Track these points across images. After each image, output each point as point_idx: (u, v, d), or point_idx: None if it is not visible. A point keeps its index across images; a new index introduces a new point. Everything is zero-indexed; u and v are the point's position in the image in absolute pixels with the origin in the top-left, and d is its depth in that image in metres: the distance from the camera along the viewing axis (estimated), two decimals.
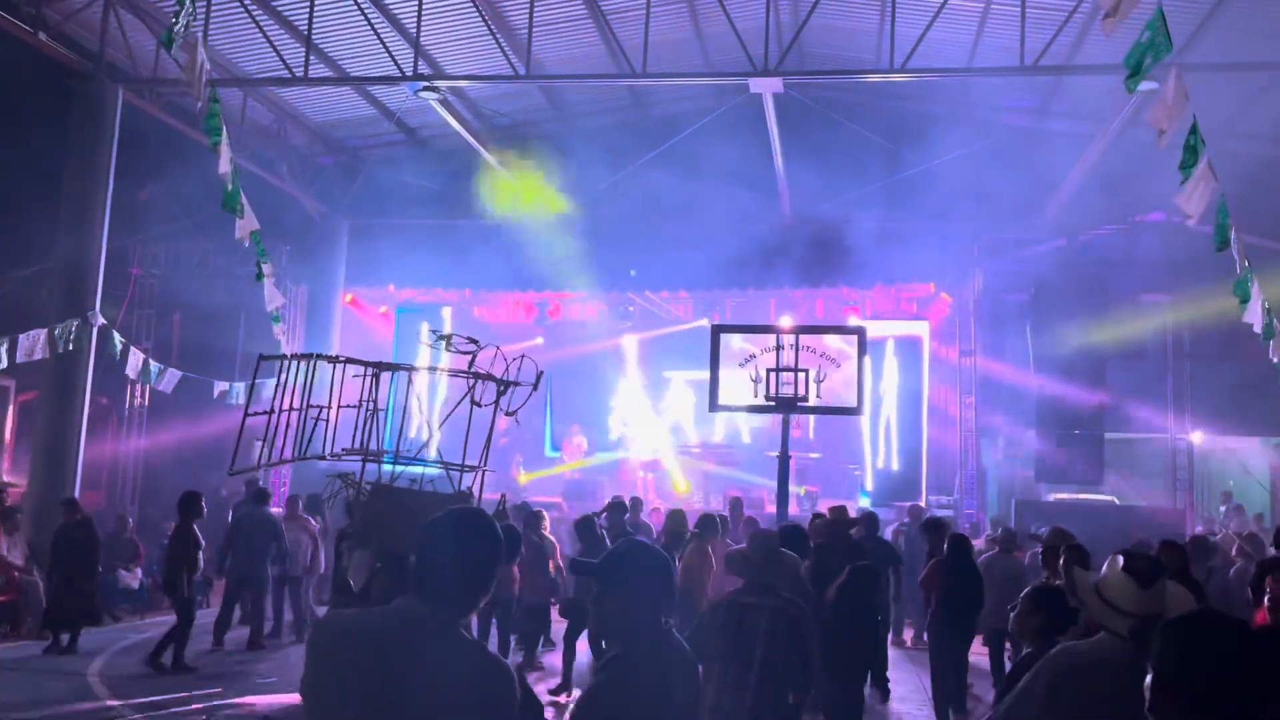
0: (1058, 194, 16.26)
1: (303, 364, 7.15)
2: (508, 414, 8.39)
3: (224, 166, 11.99)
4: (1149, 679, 2.34)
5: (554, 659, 10.55)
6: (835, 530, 9.26)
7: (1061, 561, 5.76)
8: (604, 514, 10.94)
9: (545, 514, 11.24)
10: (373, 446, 7.14)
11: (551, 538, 10.93)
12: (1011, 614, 4.58)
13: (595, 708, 2.99)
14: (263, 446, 6.85)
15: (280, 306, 15.11)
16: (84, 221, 13.18)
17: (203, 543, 10.31)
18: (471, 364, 7.81)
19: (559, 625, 10.61)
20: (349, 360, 7.40)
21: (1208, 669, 2.22)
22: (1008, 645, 8.62)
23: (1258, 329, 9.37)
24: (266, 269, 13.63)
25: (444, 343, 8.70)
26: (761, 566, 4.79)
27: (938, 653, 8.79)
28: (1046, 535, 7.56)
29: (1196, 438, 18.09)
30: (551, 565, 10.50)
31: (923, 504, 16.22)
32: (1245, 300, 9.28)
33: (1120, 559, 3.36)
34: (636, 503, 12.95)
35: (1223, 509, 17.20)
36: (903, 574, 10.80)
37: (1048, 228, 17.08)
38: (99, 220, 13.26)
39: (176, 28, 10.44)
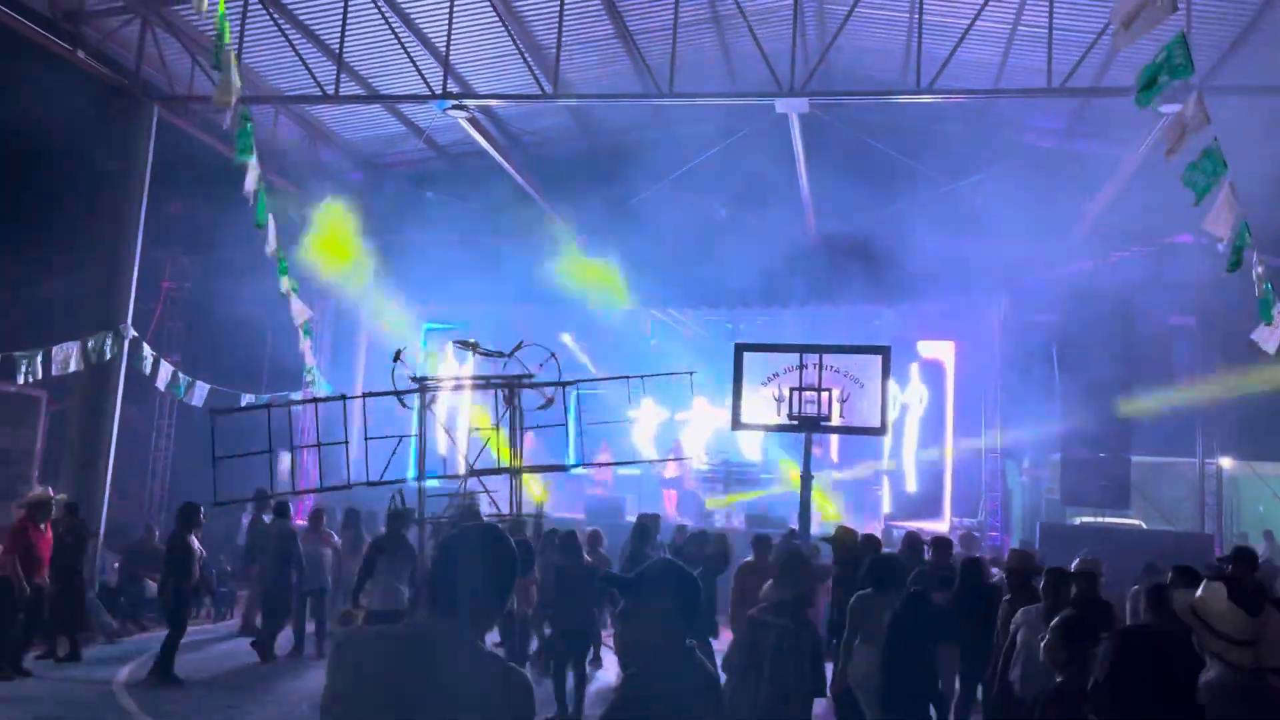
0: (1085, 215, 16.19)
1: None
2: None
3: (250, 184, 12.16)
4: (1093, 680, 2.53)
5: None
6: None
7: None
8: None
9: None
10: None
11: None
12: (1040, 644, 4.55)
13: None
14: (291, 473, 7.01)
15: (310, 319, 15.29)
16: (118, 235, 13.39)
17: (201, 553, 10.38)
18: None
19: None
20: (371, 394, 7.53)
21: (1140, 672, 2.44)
22: None
23: (1271, 351, 9.31)
24: (286, 284, 13.81)
25: (470, 349, 8.85)
26: (779, 581, 4.80)
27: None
28: (1009, 558, 7.49)
29: (1225, 463, 17.89)
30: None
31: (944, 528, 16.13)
32: (1269, 324, 9.20)
33: (1220, 587, 3.25)
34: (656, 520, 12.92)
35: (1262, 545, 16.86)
36: None
37: (1075, 249, 17.00)
38: (133, 234, 13.46)
39: (223, 53, 10.62)
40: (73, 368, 12.48)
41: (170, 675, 9.82)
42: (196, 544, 10.33)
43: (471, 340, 11.11)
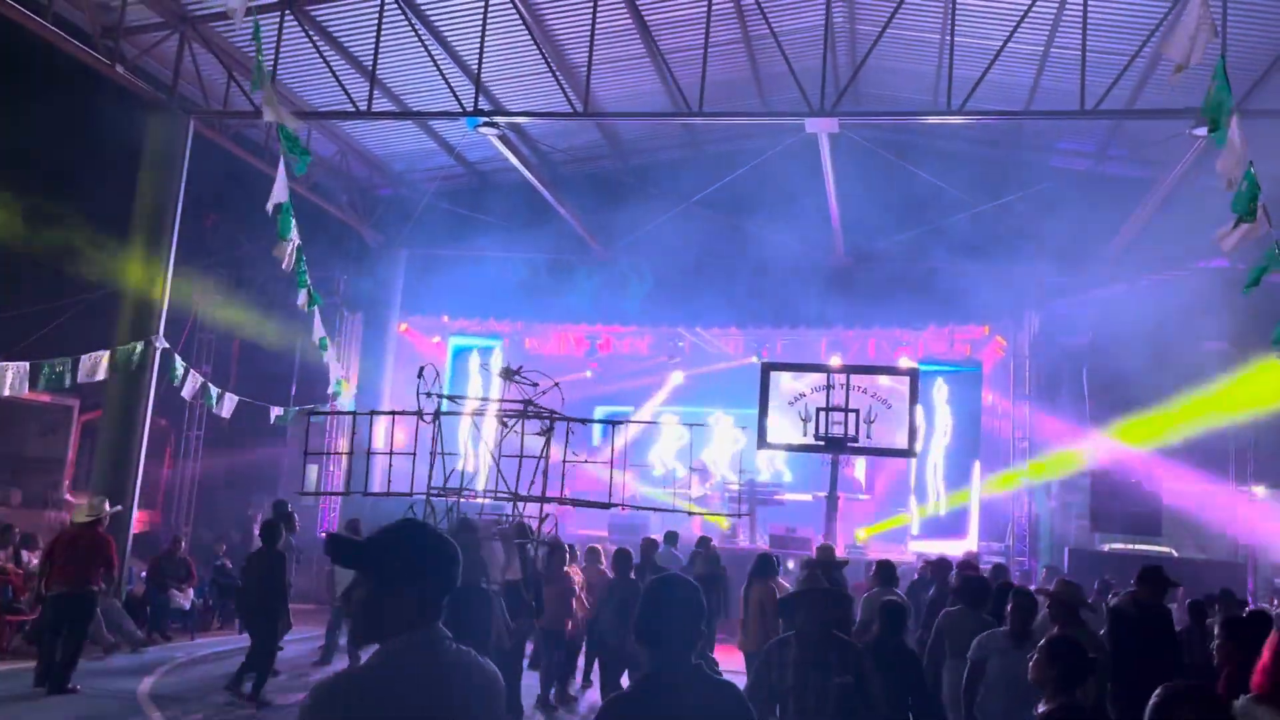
0: (1117, 239, 16.06)
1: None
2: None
3: (277, 198, 12.29)
4: None
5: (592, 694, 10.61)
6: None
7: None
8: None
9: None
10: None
11: (570, 571, 10.54)
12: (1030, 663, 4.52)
13: (614, 712, 3.09)
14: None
15: (324, 335, 15.37)
16: (153, 247, 13.55)
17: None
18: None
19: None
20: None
21: None
22: None
23: None
24: (305, 297, 13.89)
25: (510, 377, 8.94)
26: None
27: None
28: (1055, 587, 7.37)
29: (1259, 491, 17.59)
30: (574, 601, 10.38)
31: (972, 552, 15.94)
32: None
33: None
34: (672, 536, 12.88)
35: None
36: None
37: (1106, 272, 16.85)
38: (167, 246, 13.63)
39: (261, 71, 10.78)
40: (99, 376, 12.60)
41: (241, 691, 9.71)
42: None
43: (513, 368, 11.17)
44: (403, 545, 2.41)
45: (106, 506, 10.55)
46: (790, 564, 13.68)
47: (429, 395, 9.24)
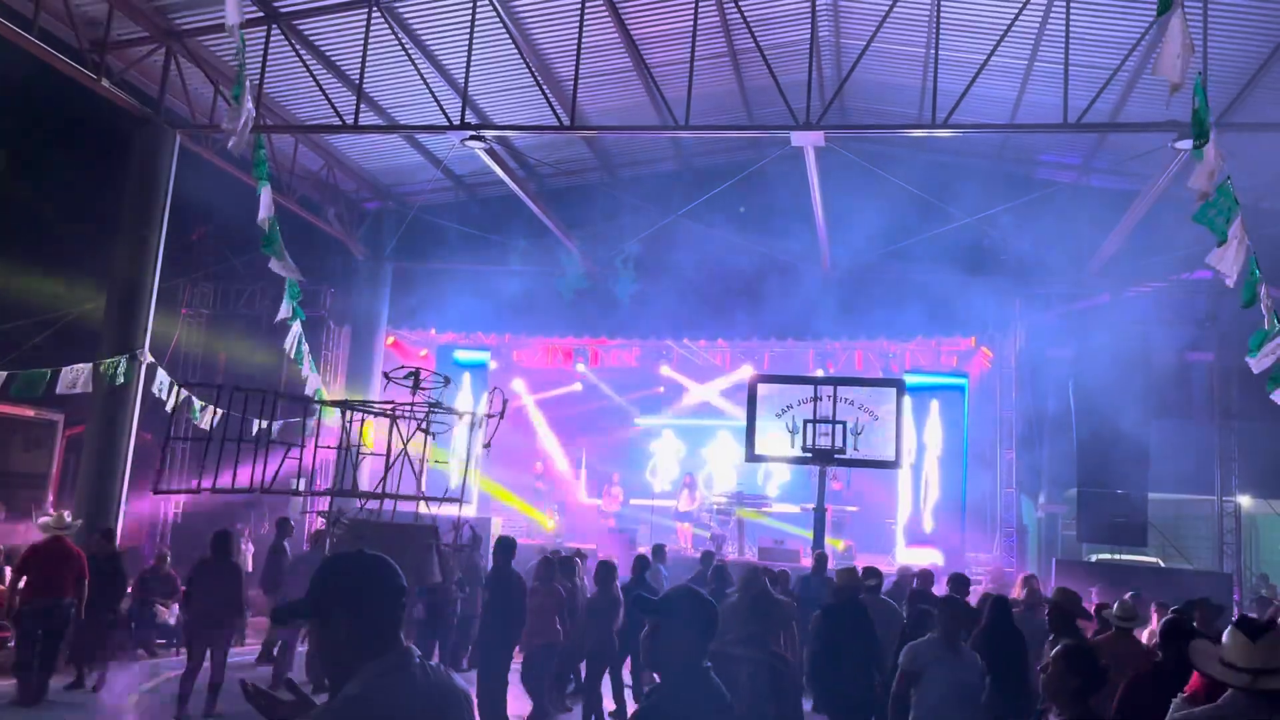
0: (1101, 250, 16.17)
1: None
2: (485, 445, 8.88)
3: (265, 211, 12.28)
4: None
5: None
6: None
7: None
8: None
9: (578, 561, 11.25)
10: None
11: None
12: (1041, 674, 4.48)
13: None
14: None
15: (300, 348, 15.28)
16: (138, 261, 13.50)
17: None
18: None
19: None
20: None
21: None
22: None
23: (1257, 371, 9.40)
24: (288, 308, 13.83)
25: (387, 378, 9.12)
26: (748, 615, 4.73)
27: None
28: (1053, 594, 7.40)
29: (1245, 501, 17.68)
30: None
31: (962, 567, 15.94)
32: (1253, 355, 9.32)
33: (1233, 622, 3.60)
34: (659, 550, 12.84)
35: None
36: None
37: (1091, 284, 16.96)
38: (152, 260, 13.58)
39: (241, 81, 10.79)
40: (78, 389, 12.54)
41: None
42: None
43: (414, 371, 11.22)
44: (335, 581, 2.45)
45: (68, 518, 10.53)
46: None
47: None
